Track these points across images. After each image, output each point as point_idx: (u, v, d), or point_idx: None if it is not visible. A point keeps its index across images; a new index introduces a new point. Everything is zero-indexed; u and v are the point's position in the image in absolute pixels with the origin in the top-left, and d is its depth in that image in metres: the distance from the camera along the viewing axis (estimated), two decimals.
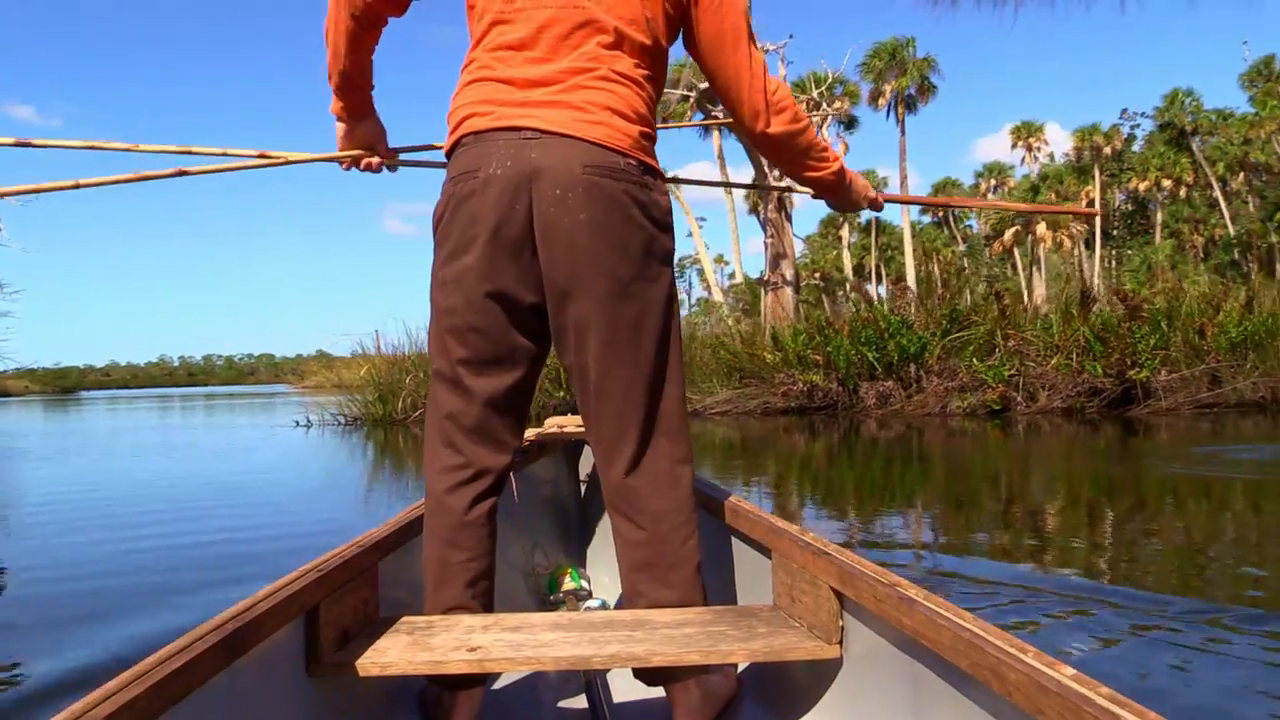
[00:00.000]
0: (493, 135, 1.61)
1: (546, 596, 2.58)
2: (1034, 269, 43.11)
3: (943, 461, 8.01)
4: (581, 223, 1.58)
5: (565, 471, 3.14)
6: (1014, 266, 50.89)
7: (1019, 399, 11.51)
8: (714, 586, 1.78)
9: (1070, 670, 1.01)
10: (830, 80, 32.31)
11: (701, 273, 55.80)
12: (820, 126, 35.00)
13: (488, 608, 1.73)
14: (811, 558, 1.59)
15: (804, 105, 33.39)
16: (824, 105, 30.46)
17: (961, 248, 59.79)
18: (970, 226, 63.62)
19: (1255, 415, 10.47)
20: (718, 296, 39.75)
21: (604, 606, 2.54)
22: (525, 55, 1.66)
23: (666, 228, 1.69)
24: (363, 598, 1.65)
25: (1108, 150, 50.36)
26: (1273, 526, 4.53)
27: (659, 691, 1.67)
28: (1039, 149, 53.54)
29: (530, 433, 2.87)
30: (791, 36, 30.25)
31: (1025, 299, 21.04)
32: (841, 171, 1.99)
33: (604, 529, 2.89)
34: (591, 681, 1.83)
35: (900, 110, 39.96)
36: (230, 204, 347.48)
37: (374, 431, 13.49)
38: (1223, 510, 5.02)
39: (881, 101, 40.10)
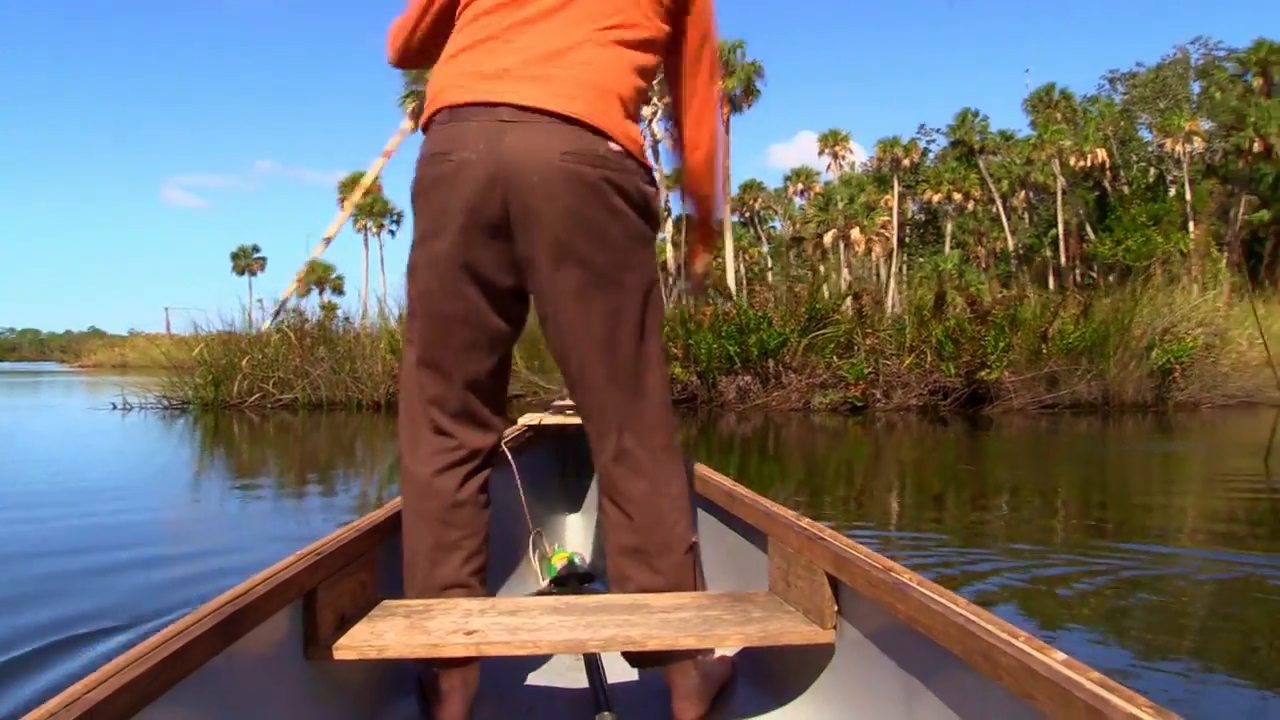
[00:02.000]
0: (467, 112, 1.56)
1: (543, 580, 2.57)
2: (844, 269, 45.13)
3: (796, 452, 8.46)
4: (560, 211, 1.54)
5: (562, 456, 3.11)
6: (812, 269, 53.09)
7: (878, 395, 11.95)
8: (709, 571, 1.79)
9: (1061, 655, 1.03)
10: (660, 77, 32.78)
11: None
12: (649, 121, 35.45)
13: (484, 585, 1.74)
14: (807, 543, 1.62)
15: None
16: (654, 100, 30.82)
17: (765, 248, 61.93)
18: (774, 227, 65.99)
19: (1089, 416, 11.29)
20: None
21: (601, 591, 2.51)
22: (517, 15, 1.61)
23: (650, 214, 1.65)
24: (360, 581, 1.66)
25: (906, 162, 53.46)
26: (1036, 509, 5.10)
27: (659, 675, 1.68)
28: (844, 157, 56.15)
29: (530, 418, 2.92)
30: None
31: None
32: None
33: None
34: (592, 663, 1.82)
35: (726, 110, 40.92)
36: None
37: (204, 416, 12.54)
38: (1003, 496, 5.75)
39: None
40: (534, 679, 1.92)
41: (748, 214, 64.39)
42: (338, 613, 1.55)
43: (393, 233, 60.91)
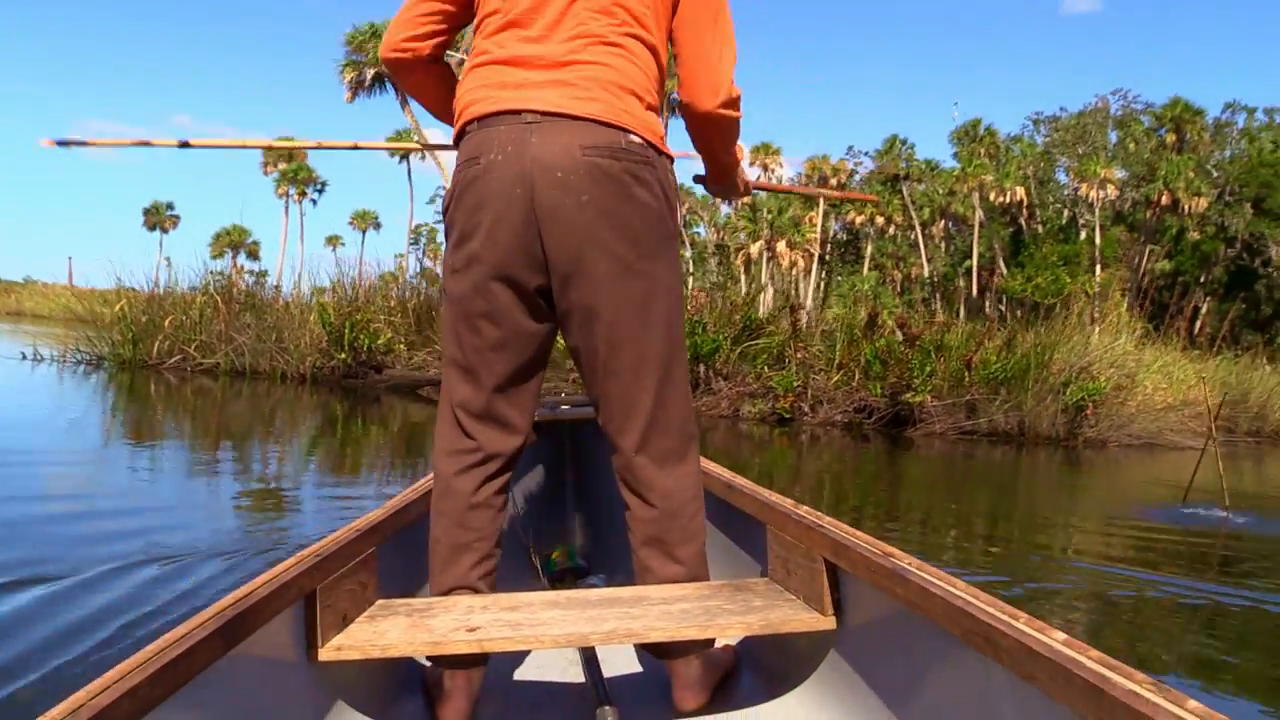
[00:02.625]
0: (494, 120, 1.63)
1: (544, 576, 2.59)
2: (767, 282, 45.73)
3: (720, 458, 8.55)
4: (584, 204, 1.59)
5: (562, 452, 3.13)
6: (732, 277, 53.64)
7: (805, 409, 12.16)
8: (710, 560, 1.84)
9: (1061, 635, 1.05)
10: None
11: None
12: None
13: (491, 588, 1.75)
14: (805, 531, 1.66)
15: None
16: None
17: (689, 253, 62.33)
18: (698, 233, 66.43)
19: (1004, 445, 11.67)
20: None
21: (601, 584, 2.56)
22: (522, 34, 1.67)
23: (672, 205, 1.70)
24: (361, 581, 1.67)
25: (834, 181, 54.34)
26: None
27: (658, 666, 1.71)
28: (774, 171, 56.80)
29: None
30: None
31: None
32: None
33: (600, 508, 2.94)
34: (591, 658, 1.85)
35: (665, 116, 41.10)
36: None
37: (119, 374, 12.14)
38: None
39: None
40: (536, 676, 1.94)
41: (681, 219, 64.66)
42: (339, 613, 1.56)
43: (314, 201, 59.56)
